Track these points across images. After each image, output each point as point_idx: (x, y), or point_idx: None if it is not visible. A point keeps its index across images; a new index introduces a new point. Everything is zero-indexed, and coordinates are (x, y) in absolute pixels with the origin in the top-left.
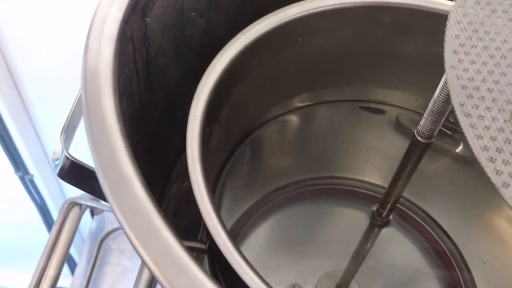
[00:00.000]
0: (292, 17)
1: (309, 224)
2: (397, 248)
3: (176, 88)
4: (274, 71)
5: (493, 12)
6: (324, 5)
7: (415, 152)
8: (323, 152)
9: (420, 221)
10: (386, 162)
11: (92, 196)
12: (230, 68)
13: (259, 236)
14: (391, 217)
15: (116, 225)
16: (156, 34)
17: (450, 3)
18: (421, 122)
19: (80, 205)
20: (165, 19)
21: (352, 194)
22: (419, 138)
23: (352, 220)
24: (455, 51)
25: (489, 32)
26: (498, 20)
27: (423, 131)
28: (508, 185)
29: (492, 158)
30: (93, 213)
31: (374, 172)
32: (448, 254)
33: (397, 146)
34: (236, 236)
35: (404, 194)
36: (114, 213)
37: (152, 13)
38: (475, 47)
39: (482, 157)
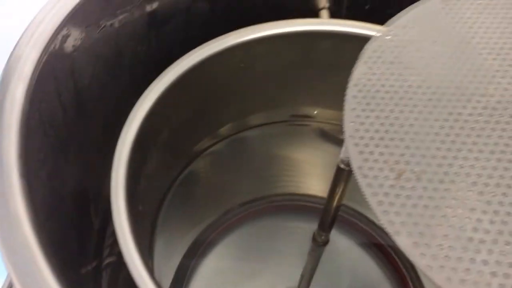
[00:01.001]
0: (230, 45)
1: (257, 245)
2: (345, 254)
3: (113, 114)
4: (212, 98)
5: (382, 86)
6: (264, 32)
7: (342, 178)
8: (263, 173)
9: (363, 225)
10: (323, 172)
11: None
12: (166, 93)
13: (210, 265)
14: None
15: None
16: (87, 66)
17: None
18: (342, 151)
19: None
20: (97, 50)
21: (298, 209)
22: (342, 166)
23: (298, 236)
24: (352, 122)
25: (379, 104)
26: (384, 95)
27: (344, 159)
28: (400, 233)
29: (386, 211)
30: None
31: (316, 184)
32: (393, 255)
33: (329, 153)
34: (186, 269)
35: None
36: None
37: (81, 46)
38: (368, 117)
39: (378, 210)
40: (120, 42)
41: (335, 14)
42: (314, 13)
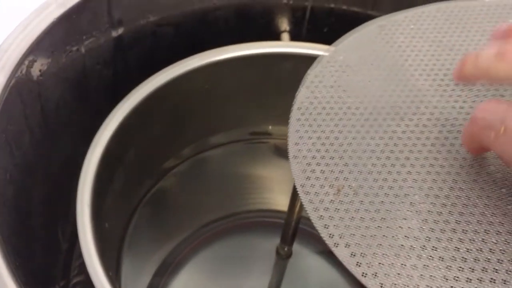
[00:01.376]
0: (194, 67)
1: (225, 263)
2: (309, 266)
3: (80, 135)
4: (176, 118)
5: (323, 109)
6: (226, 54)
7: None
8: (227, 191)
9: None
10: (284, 188)
11: None
12: (132, 114)
13: (179, 285)
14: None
15: None
16: (54, 90)
17: None
18: None
19: None
20: (64, 75)
21: (263, 225)
22: None
23: (264, 251)
24: (296, 143)
25: (320, 125)
26: (325, 117)
27: None
28: (338, 244)
29: (326, 225)
30: None
31: (278, 199)
32: None
33: (287, 169)
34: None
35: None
36: None
37: (48, 71)
38: (310, 138)
39: (318, 225)
40: (86, 67)
41: (295, 37)
42: (275, 36)
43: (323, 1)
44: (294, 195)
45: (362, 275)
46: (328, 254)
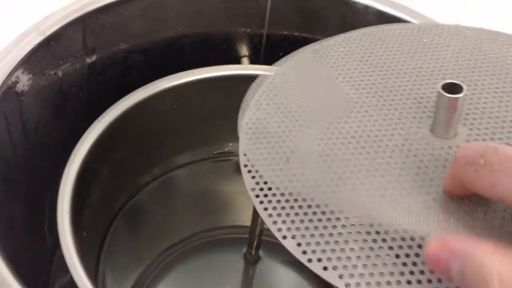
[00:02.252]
0: (162, 89)
1: (198, 279)
2: (276, 273)
3: (59, 151)
4: (146, 138)
5: (267, 123)
6: (191, 77)
7: None
8: (196, 209)
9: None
10: (243, 202)
11: None
12: (106, 133)
13: None
14: (260, 253)
15: None
16: (34, 109)
17: None
18: None
19: None
20: (43, 96)
21: (233, 240)
22: None
23: (236, 265)
24: (244, 154)
25: (266, 137)
26: (270, 129)
27: None
28: (286, 237)
29: (275, 221)
30: None
31: (243, 215)
32: None
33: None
34: None
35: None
36: None
37: (28, 92)
38: (258, 149)
39: (268, 221)
40: (63, 89)
41: (254, 61)
42: (236, 60)
43: (277, 28)
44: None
45: (308, 261)
46: (294, 263)
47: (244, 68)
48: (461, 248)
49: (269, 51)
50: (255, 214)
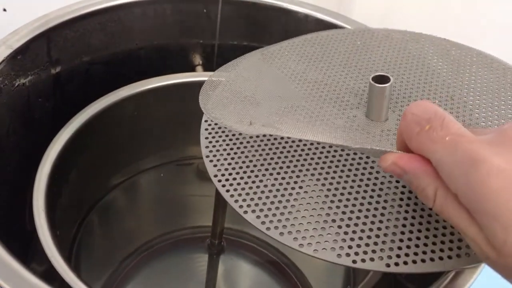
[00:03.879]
0: (123, 97)
1: (165, 279)
2: (239, 271)
3: (28, 157)
4: (111, 143)
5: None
6: (150, 84)
7: None
8: (159, 212)
9: (250, 243)
10: (208, 204)
11: None
12: (73, 139)
13: None
14: (223, 243)
15: None
16: (4, 117)
17: None
18: None
19: None
20: (12, 105)
21: (198, 240)
22: None
23: (201, 263)
24: (206, 146)
25: (224, 131)
26: (226, 118)
27: None
28: (247, 211)
29: (236, 200)
30: None
31: (204, 215)
32: (281, 263)
33: (208, 188)
34: None
35: (230, 225)
36: None
37: None
38: (218, 141)
39: (230, 200)
40: (31, 100)
41: (207, 69)
42: (191, 69)
43: (228, 39)
44: (217, 193)
45: (266, 229)
46: (260, 264)
47: (199, 75)
48: (410, 168)
49: (221, 59)
50: (217, 203)
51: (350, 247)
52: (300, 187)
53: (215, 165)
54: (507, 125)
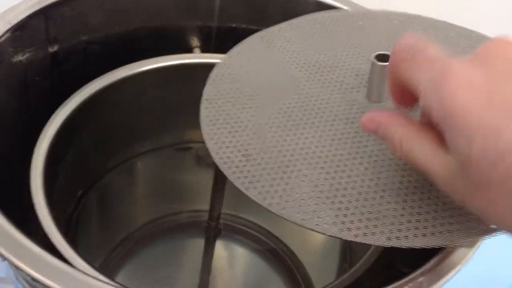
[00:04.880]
0: (121, 77)
1: (161, 262)
2: (235, 257)
3: (25, 139)
4: (108, 124)
5: (225, 98)
6: (148, 65)
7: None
8: (156, 195)
9: (246, 229)
10: (205, 189)
11: None
12: (69, 119)
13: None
14: (221, 226)
15: None
16: (1, 95)
17: None
18: None
19: None
20: (9, 82)
21: (190, 225)
22: None
23: (193, 246)
24: (207, 125)
25: (224, 110)
26: (227, 104)
27: None
28: (248, 188)
29: (238, 177)
30: None
31: (201, 200)
32: (277, 249)
33: (206, 173)
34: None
35: (226, 210)
36: None
37: None
38: (218, 120)
39: (232, 177)
40: (27, 78)
41: (205, 51)
42: (188, 51)
43: (227, 21)
44: (216, 174)
45: (267, 203)
46: (258, 252)
47: (197, 57)
48: (381, 121)
49: (219, 42)
50: (216, 184)
51: (351, 221)
52: (302, 164)
53: (216, 143)
54: (486, 42)
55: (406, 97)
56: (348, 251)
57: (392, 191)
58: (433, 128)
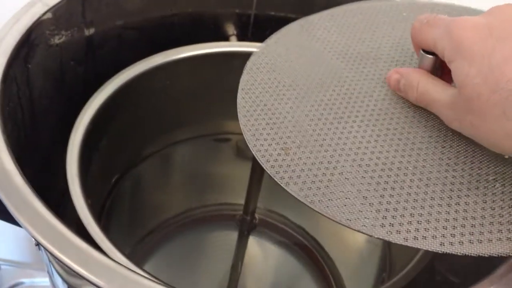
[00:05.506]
0: (157, 64)
1: (192, 252)
2: (266, 252)
3: (59, 125)
4: (143, 112)
5: (263, 88)
6: (185, 53)
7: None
8: (191, 185)
9: (281, 225)
10: (241, 182)
11: None
12: (104, 106)
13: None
14: (255, 221)
15: (14, 281)
16: (38, 78)
17: None
18: None
19: None
20: (45, 66)
21: (223, 217)
22: None
23: (225, 239)
24: (244, 116)
25: (262, 100)
26: (265, 94)
27: None
28: (288, 183)
29: (277, 171)
30: None
31: (236, 193)
32: (310, 246)
33: (243, 166)
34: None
35: (264, 205)
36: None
37: (33, 61)
38: (256, 111)
39: (271, 172)
40: (63, 62)
41: (241, 40)
42: (225, 39)
43: (265, 9)
44: (253, 167)
45: (310, 202)
46: (285, 245)
47: (234, 45)
48: (404, 71)
49: (257, 30)
50: (253, 178)
51: (401, 224)
52: (345, 160)
53: (253, 135)
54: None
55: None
56: (388, 259)
57: (443, 193)
58: (443, 76)
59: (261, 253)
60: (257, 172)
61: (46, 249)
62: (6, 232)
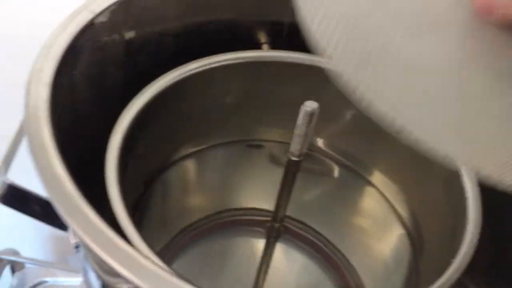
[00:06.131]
0: (193, 71)
1: (218, 255)
2: (291, 261)
3: (100, 132)
4: (178, 117)
5: None
6: (219, 60)
7: (291, 169)
8: (221, 189)
9: (306, 235)
10: (270, 189)
11: (13, 250)
12: (142, 111)
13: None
14: (283, 229)
15: (38, 279)
16: (81, 84)
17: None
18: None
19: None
20: (88, 72)
21: (249, 223)
22: (291, 157)
23: (252, 244)
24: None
25: None
26: None
27: (293, 151)
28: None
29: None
30: (13, 269)
31: (264, 200)
32: (336, 259)
33: (274, 174)
34: None
35: (290, 213)
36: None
37: (78, 67)
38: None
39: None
40: (103, 67)
41: (274, 48)
42: (258, 47)
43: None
44: (286, 172)
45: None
46: (311, 255)
47: (267, 54)
48: None
49: (290, 39)
50: (284, 182)
51: None
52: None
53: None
54: None
55: None
56: (414, 274)
57: None
58: None
59: (286, 260)
60: (289, 178)
61: (91, 252)
62: (30, 232)
